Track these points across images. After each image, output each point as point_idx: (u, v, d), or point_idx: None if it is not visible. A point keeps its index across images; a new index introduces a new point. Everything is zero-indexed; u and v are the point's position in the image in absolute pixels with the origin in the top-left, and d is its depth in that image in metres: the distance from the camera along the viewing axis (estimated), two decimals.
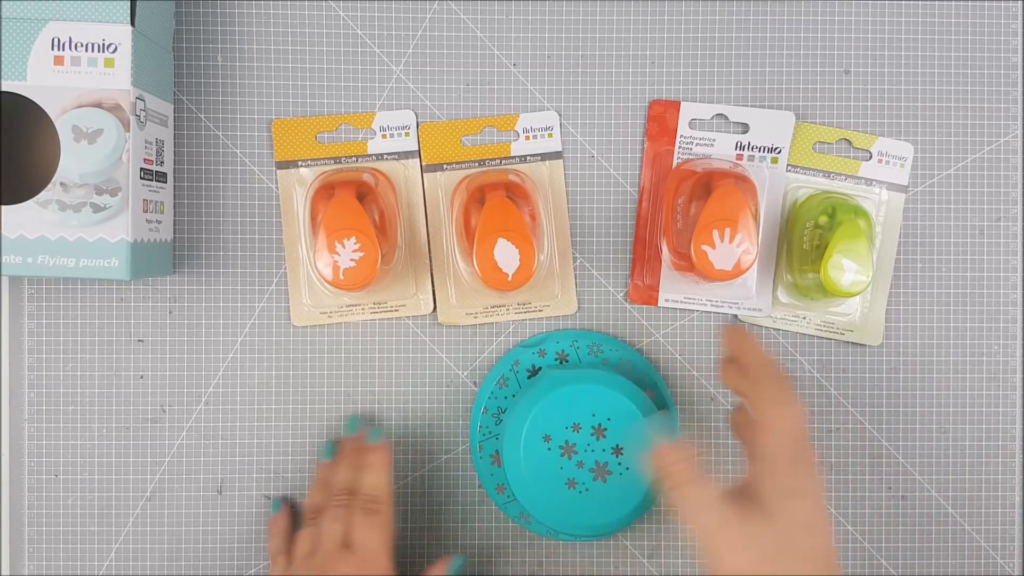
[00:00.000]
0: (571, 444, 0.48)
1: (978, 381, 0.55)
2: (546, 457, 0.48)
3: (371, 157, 0.54)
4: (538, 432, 0.49)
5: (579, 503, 0.48)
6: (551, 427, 0.49)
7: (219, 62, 0.54)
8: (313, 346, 0.54)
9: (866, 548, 0.55)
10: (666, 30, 0.54)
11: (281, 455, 0.54)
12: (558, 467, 0.48)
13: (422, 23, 0.54)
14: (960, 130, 0.55)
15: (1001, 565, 0.55)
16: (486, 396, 0.53)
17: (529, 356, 0.53)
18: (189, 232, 0.54)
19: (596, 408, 0.49)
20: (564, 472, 0.48)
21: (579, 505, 0.48)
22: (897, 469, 0.55)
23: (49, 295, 0.53)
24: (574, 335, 0.54)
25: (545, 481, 0.48)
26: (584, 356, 0.53)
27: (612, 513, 0.48)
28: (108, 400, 0.54)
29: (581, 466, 0.48)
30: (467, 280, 0.53)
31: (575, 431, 0.49)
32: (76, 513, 0.54)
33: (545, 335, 0.54)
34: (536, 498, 0.48)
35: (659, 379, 0.54)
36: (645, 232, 0.54)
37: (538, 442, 0.48)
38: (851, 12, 0.55)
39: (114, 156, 0.46)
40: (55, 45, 0.46)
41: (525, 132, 0.54)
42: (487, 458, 0.53)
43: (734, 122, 0.54)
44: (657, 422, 0.48)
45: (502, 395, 0.53)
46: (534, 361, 0.53)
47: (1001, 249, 0.55)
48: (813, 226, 0.52)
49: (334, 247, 0.48)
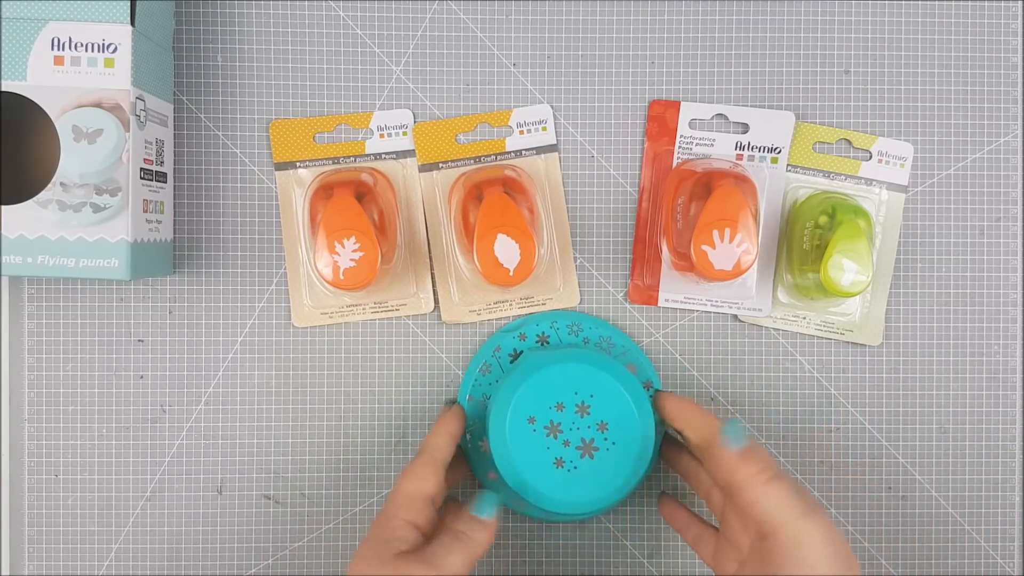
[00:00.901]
0: (556, 424, 0.48)
1: (978, 381, 0.55)
2: (532, 438, 0.48)
3: (369, 157, 0.54)
4: (522, 414, 0.48)
5: (568, 481, 0.48)
6: (535, 408, 0.49)
7: (219, 62, 0.54)
8: (313, 346, 0.54)
9: (866, 548, 0.55)
10: (666, 30, 0.54)
11: (281, 455, 0.54)
12: (545, 447, 0.48)
13: (422, 23, 0.54)
14: (960, 130, 0.55)
15: (1001, 565, 0.55)
16: (470, 384, 0.53)
17: (510, 340, 0.53)
18: (189, 232, 0.54)
19: (578, 386, 0.49)
20: (551, 452, 0.48)
21: (568, 483, 0.48)
22: (897, 469, 0.55)
23: (49, 295, 0.53)
24: (553, 316, 0.54)
25: (533, 462, 0.48)
26: (564, 336, 0.53)
27: (601, 488, 0.48)
28: (108, 400, 0.54)
29: (568, 444, 0.48)
30: (468, 277, 0.54)
31: (559, 410, 0.49)
32: (76, 513, 0.54)
33: (524, 319, 0.54)
34: (525, 480, 0.48)
35: (642, 356, 0.54)
36: (645, 232, 0.54)
37: (523, 424, 0.48)
38: (851, 12, 0.55)
39: (114, 156, 0.46)
40: (55, 45, 0.46)
41: (519, 127, 0.54)
42: (476, 446, 0.53)
43: (734, 122, 0.54)
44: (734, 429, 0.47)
45: (485, 381, 0.53)
46: (515, 345, 0.53)
47: (1001, 249, 0.55)
48: (813, 226, 0.52)
49: (334, 247, 0.48)
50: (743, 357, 0.55)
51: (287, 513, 0.54)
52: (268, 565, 0.54)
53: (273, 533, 0.54)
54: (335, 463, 0.54)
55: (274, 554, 0.54)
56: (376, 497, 0.54)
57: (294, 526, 0.54)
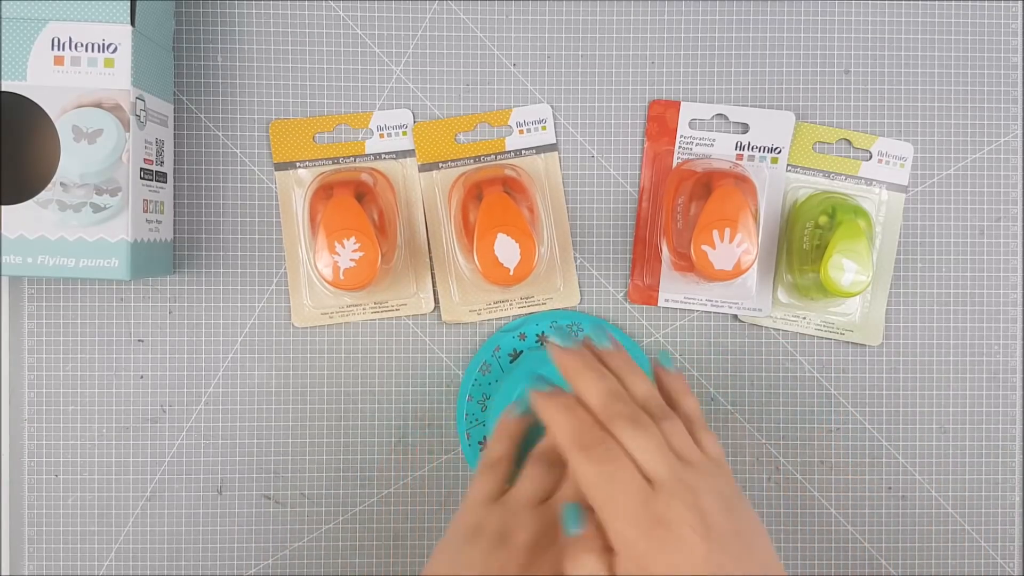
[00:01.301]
0: None
1: (978, 381, 0.55)
2: (532, 438, 0.48)
3: (369, 157, 0.54)
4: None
5: None
6: None
7: (219, 62, 0.54)
8: (313, 346, 0.54)
9: (866, 548, 0.55)
10: (666, 30, 0.54)
11: (281, 455, 0.54)
12: None
13: (422, 23, 0.54)
14: (960, 130, 0.55)
15: (1001, 565, 0.55)
16: (470, 383, 0.53)
17: (510, 340, 0.53)
18: (189, 232, 0.54)
19: None
20: None
21: None
22: (897, 469, 0.55)
23: (49, 295, 0.53)
24: (553, 316, 0.54)
25: None
26: None
27: None
28: (108, 400, 0.54)
29: None
30: (469, 277, 0.54)
31: None
32: (76, 513, 0.54)
33: (524, 318, 0.54)
34: None
35: (642, 355, 0.54)
36: (645, 232, 0.54)
37: None
38: (851, 12, 0.55)
39: (114, 156, 0.46)
40: (55, 45, 0.46)
41: (519, 126, 0.54)
42: (476, 445, 0.53)
43: (734, 122, 0.54)
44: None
45: (485, 381, 0.53)
46: (515, 345, 0.53)
47: (1001, 249, 0.55)
48: (813, 226, 0.52)
49: (334, 247, 0.48)
50: (743, 357, 0.55)
51: (287, 513, 0.54)
52: (268, 565, 0.54)
53: (273, 533, 0.54)
54: (335, 463, 0.54)
55: (274, 554, 0.54)
56: (376, 497, 0.54)
57: (294, 526, 0.54)
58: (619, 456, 0.36)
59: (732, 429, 0.55)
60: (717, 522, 0.35)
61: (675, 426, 0.38)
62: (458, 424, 0.54)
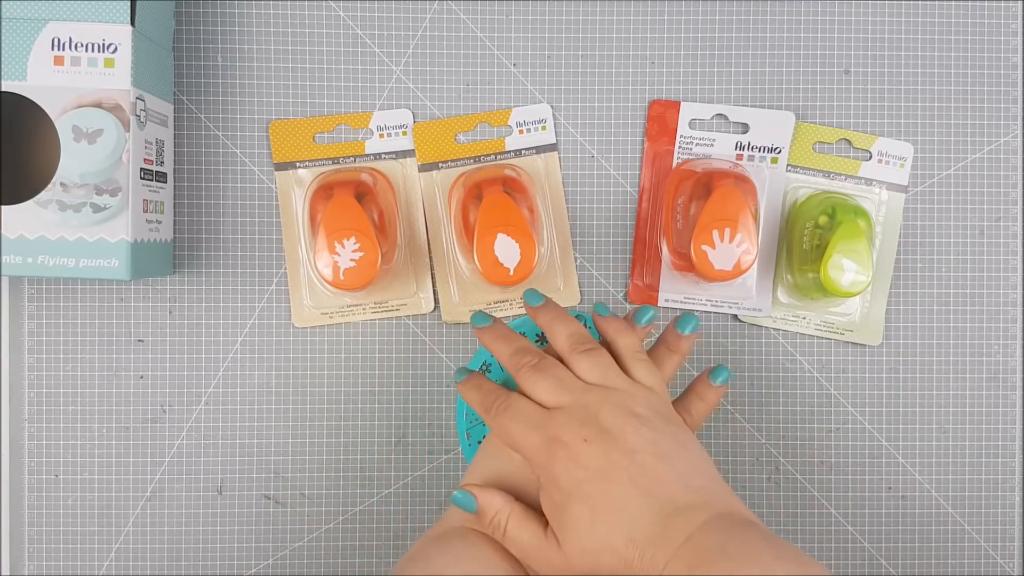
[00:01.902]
0: None
1: (978, 381, 0.55)
2: None
3: (369, 157, 0.54)
4: None
5: None
6: None
7: (219, 62, 0.54)
8: (313, 346, 0.54)
9: (866, 548, 0.55)
10: (666, 30, 0.54)
11: (281, 455, 0.54)
12: None
13: (422, 23, 0.54)
14: (960, 130, 0.55)
15: (1001, 565, 0.55)
16: None
17: None
18: (189, 232, 0.54)
19: None
20: None
21: None
22: (897, 469, 0.55)
23: (49, 295, 0.54)
24: None
25: None
26: None
27: None
28: (108, 400, 0.54)
29: None
30: (469, 277, 0.54)
31: None
32: (76, 513, 0.54)
33: (524, 318, 0.54)
34: None
35: None
36: (645, 232, 0.54)
37: None
38: (851, 12, 0.55)
39: (114, 156, 0.46)
40: (55, 45, 0.46)
41: (519, 126, 0.54)
42: (475, 445, 0.53)
43: (734, 122, 0.54)
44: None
45: None
46: None
47: (1001, 249, 0.55)
48: (813, 226, 0.52)
49: (334, 247, 0.48)
50: (743, 357, 0.55)
51: (287, 513, 0.54)
52: (268, 565, 0.54)
53: (273, 533, 0.54)
54: (335, 463, 0.54)
55: (274, 554, 0.54)
56: (376, 497, 0.54)
57: (294, 526, 0.54)
58: (512, 402, 0.42)
59: (732, 429, 0.55)
60: (625, 433, 0.39)
61: (597, 358, 0.42)
62: (458, 424, 0.54)
